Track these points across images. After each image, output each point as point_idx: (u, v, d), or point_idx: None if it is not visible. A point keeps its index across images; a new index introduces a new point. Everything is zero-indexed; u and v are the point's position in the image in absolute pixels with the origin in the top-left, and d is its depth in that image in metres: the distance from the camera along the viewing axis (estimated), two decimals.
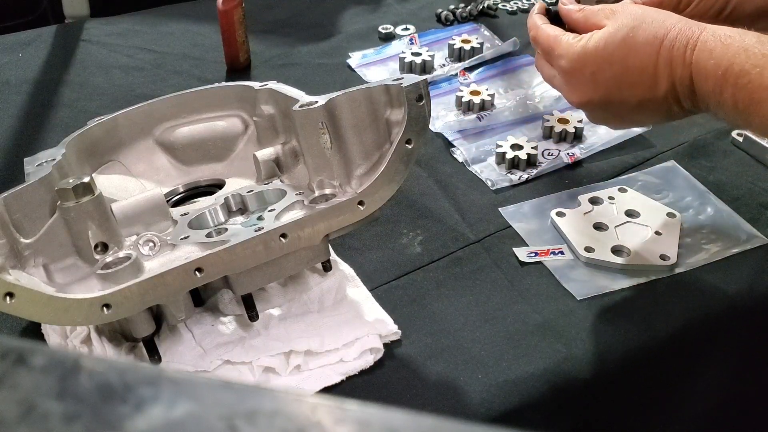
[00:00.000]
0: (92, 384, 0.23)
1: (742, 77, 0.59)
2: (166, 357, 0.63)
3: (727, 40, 0.61)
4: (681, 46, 0.63)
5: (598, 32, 0.67)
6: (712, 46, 0.61)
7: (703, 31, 0.63)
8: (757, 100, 0.59)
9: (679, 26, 0.64)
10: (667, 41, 0.63)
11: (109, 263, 0.61)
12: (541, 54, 0.74)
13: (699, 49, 0.62)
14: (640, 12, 0.66)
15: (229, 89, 0.79)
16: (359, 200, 0.62)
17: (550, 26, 0.72)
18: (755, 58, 0.59)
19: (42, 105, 1.01)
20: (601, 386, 0.69)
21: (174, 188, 0.77)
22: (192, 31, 1.17)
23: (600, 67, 0.66)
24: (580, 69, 0.67)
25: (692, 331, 0.72)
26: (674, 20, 0.65)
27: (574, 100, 0.70)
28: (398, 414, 0.23)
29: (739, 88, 0.59)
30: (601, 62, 0.66)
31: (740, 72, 0.59)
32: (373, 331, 0.67)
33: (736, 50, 0.60)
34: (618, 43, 0.65)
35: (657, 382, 0.73)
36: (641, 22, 0.65)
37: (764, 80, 0.58)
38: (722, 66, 0.60)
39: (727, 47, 0.60)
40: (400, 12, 1.22)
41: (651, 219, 0.80)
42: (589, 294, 0.73)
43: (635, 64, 0.64)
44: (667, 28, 0.64)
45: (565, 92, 0.71)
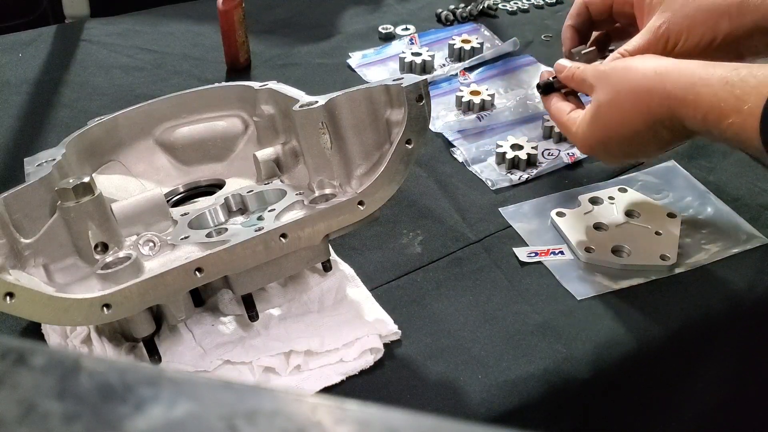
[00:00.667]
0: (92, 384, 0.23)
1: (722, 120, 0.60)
2: (166, 357, 0.63)
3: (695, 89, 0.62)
4: (658, 104, 0.64)
5: (587, 113, 0.71)
6: (683, 98, 0.63)
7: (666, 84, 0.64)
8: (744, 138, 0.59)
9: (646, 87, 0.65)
10: (643, 106, 0.66)
11: (109, 263, 0.61)
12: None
13: (674, 104, 0.63)
14: (611, 82, 0.69)
15: (229, 89, 0.79)
16: (359, 200, 0.62)
17: (556, 108, 0.76)
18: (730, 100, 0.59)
19: (42, 105, 1.01)
20: (601, 386, 0.69)
21: (174, 188, 0.77)
22: (192, 31, 1.17)
23: (606, 144, 0.71)
24: (594, 150, 0.73)
25: (692, 331, 0.72)
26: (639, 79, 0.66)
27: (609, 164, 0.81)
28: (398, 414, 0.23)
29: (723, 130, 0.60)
30: (603, 140, 0.70)
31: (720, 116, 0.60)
32: (373, 331, 0.67)
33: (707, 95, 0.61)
34: (605, 121, 0.69)
35: (657, 382, 0.73)
36: (614, 94, 0.68)
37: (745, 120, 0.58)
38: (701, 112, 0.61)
39: (698, 96, 0.61)
40: (400, 12, 1.22)
41: (651, 219, 0.80)
42: (589, 294, 0.73)
43: (628, 132, 0.68)
44: (637, 94, 0.66)
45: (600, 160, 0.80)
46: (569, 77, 0.75)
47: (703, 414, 0.78)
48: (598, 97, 0.69)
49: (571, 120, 0.73)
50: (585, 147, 0.73)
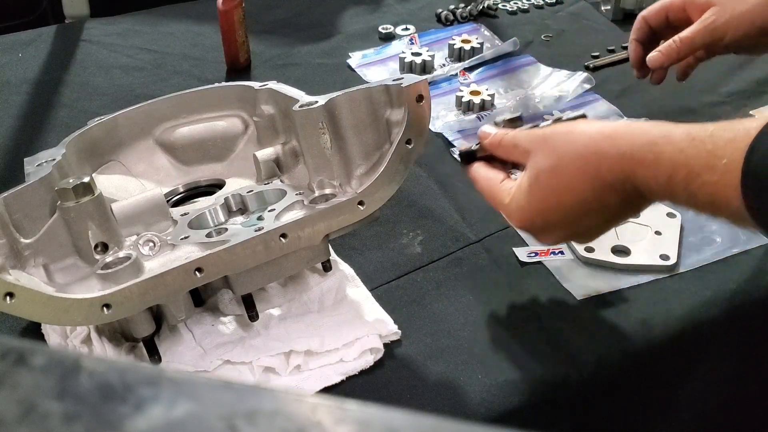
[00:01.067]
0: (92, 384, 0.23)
1: (692, 181, 0.53)
2: (166, 357, 0.63)
3: (654, 148, 0.55)
4: (608, 169, 0.58)
5: (523, 182, 0.63)
6: (641, 158, 0.56)
7: (620, 145, 0.58)
8: (719, 200, 0.52)
9: (594, 149, 0.59)
10: (591, 170, 0.59)
11: (109, 263, 0.61)
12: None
13: (630, 169, 0.57)
14: (552, 147, 0.62)
15: (229, 89, 0.79)
16: (359, 200, 0.62)
17: (484, 178, 0.68)
18: (699, 158, 0.53)
19: (42, 105, 1.01)
20: (601, 386, 0.69)
21: (174, 188, 0.77)
22: (192, 31, 1.17)
23: (545, 218, 0.63)
24: (530, 225, 0.65)
25: (692, 332, 0.72)
26: (586, 142, 0.60)
27: (548, 244, 0.70)
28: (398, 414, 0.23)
29: (692, 193, 0.54)
30: (543, 213, 0.63)
31: (688, 175, 0.53)
32: (373, 331, 0.67)
33: (671, 153, 0.54)
34: (545, 191, 0.62)
35: (657, 382, 0.73)
36: (556, 159, 0.61)
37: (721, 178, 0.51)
38: (663, 173, 0.55)
39: (658, 155, 0.55)
40: (400, 12, 1.22)
41: (651, 219, 0.80)
42: (588, 294, 0.73)
43: (573, 202, 0.61)
44: (584, 158, 0.59)
45: (536, 239, 0.68)
46: (495, 144, 0.67)
47: (703, 414, 0.78)
48: (537, 163, 0.62)
49: (504, 190, 0.65)
50: (521, 220, 0.64)
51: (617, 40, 1.14)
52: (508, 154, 0.66)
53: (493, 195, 0.66)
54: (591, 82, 1.03)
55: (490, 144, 0.68)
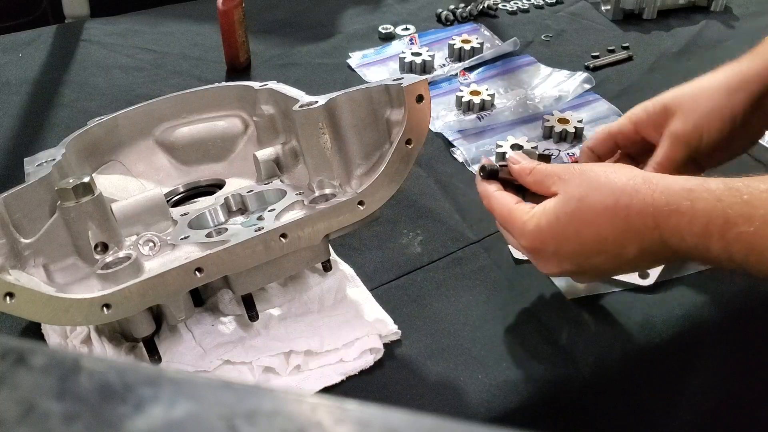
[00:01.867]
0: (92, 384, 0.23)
1: (729, 230, 0.53)
2: (166, 357, 0.63)
3: (691, 195, 0.55)
4: (638, 212, 0.57)
5: (549, 205, 0.62)
6: (676, 205, 0.55)
7: (656, 188, 0.57)
8: (756, 250, 0.52)
9: (629, 188, 0.58)
10: (621, 212, 0.58)
11: (109, 263, 0.61)
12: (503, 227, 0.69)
13: (663, 211, 0.56)
14: (587, 178, 0.61)
15: (229, 89, 0.79)
16: (359, 200, 0.62)
17: (500, 196, 0.67)
18: (736, 206, 0.53)
19: (42, 105, 1.01)
20: (601, 386, 0.69)
21: (174, 188, 0.77)
22: (192, 31, 1.17)
23: (559, 244, 0.62)
24: (540, 248, 0.63)
25: (691, 333, 0.72)
26: (622, 180, 0.59)
27: (546, 272, 0.66)
28: (398, 414, 0.23)
29: (728, 242, 0.53)
30: (558, 239, 0.62)
31: (725, 225, 0.53)
32: (373, 331, 0.67)
33: (707, 203, 0.54)
34: (570, 217, 0.61)
35: (656, 383, 0.73)
36: (588, 190, 0.60)
37: (758, 229, 0.51)
38: (699, 224, 0.54)
39: (694, 202, 0.54)
40: (400, 12, 1.22)
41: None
42: (585, 294, 0.73)
43: (592, 237, 0.60)
44: (616, 195, 0.59)
45: (537, 265, 0.66)
46: (525, 171, 0.66)
47: (703, 414, 0.78)
48: (568, 190, 0.61)
49: (521, 209, 0.64)
50: (534, 240, 0.63)
51: (617, 40, 1.14)
52: (536, 184, 0.65)
53: (509, 212, 0.65)
54: (591, 82, 1.03)
55: (521, 170, 0.67)
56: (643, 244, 0.58)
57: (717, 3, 1.19)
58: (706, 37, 1.14)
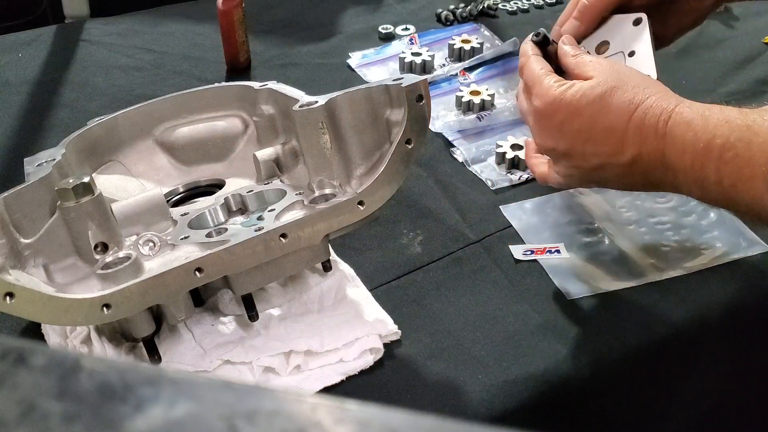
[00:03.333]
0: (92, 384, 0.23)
1: (726, 151, 0.55)
2: (166, 357, 0.63)
3: (706, 112, 0.58)
4: (654, 115, 0.60)
5: (579, 83, 0.65)
6: (689, 118, 0.58)
7: (679, 103, 0.60)
8: (746, 177, 0.54)
9: (657, 95, 0.61)
10: (641, 109, 0.61)
11: (109, 263, 0.61)
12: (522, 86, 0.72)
13: (675, 121, 0.59)
14: (626, 74, 0.64)
15: (229, 89, 0.79)
16: (359, 200, 0.62)
17: (538, 60, 0.70)
18: (740, 130, 0.55)
19: (42, 105, 1.01)
20: (601, 387, 0.69)
21: (174, 188, 0.77)
22: (192, 31, 1.17)
23: (569, 118, 0.64)
24: (551, 114, 0.66)
25: (691, 333, 0.72)
26: (654, 89, 0.62)
27: (539, 143, 0.69)
28: (398, 414, 0.23)
29: (724, 162, 0.55)
30: (572, 113, 0.64)
31: (724, 145, 0.55)
32: (373, 331, 0.67)
33: (717, 122, 0.56)
34: (593, 98, 0.63)
35: (656, 383, 0.73)
36: (623, 83, 0.63)
37: (753, 154, 0.53)
38: (702, 139, 0.56)
39: (707, 119, 0.57)
40: (400, 12, 1.22)
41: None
42: (585, 294, 0.73)
43: (604, 124, 0.63)
44: (644, 96, 0.62)
45: (533, 133, 0.69)
46: (569, 53, 0.69)
47: (703, 414, 0.78)
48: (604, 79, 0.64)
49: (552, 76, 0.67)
50: (550, 104, 0.65)
51: None
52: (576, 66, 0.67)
53: (541, 73, 0.67)
54: None
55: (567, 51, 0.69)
56: (642, 149, 0.61)
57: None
58: (706, 37, 1.14)
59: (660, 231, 0.80)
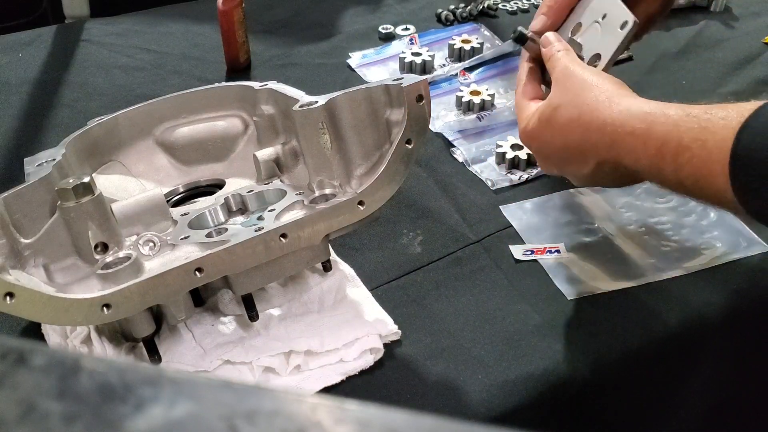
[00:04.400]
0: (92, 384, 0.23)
1: (680, 154, 0.54)
2: (166, 357, 0.63)
3: (648, 118, 0.57)
4: (598, 129, 0.60)
5: (540, 108, 0.68)
6: (632, 127, 0.58)
7: (617, 108, 0.60)
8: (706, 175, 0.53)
9: (592, 105, 0.62)
10: (581, 124, 0.62)
11: (109, 263, 0.61)
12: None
13: (618, 134, 0.58)
14: (567, 87, 0.65)
15: (229, 89, 0.79)
16: (359, 200, 0.62)
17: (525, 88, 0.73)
18: (692, 132, 0.54)
19: (42, 105, 1.01)
20: (601, 387, 0.69)
21: (174, 188, 0.77)
22: (192, 31, 1.17)
23: (540, 146, 0.69)
24: (530, 144, 0.71)
25: (691, 333, 0.72)
26: (590, 97, 0.62)
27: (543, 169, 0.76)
28: (398, 414, 0.23)
29: (680, 165, 0.55)
30: (539, 141, 0.69)
31: (677, 149, 0.54)
32: (373, 331, 0.67)
33: (664, 126, 0.56)
34: (545, 123, 0.67)
35: (656, 383, 0.73)
36: (562, 100, 0.65)
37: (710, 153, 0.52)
38: (652, 146, 0.56)
39: (650, 125, 0.56)
40: (400, 12, 1.22)
41: None
42: (585, 294, 0.73)
43: (560, 145, 0.66)
44: (580, 110, 0.62)
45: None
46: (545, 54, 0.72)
47: (703, 414, 0.78)
48: (552, 97, 0.67)
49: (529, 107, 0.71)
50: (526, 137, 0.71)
51: None
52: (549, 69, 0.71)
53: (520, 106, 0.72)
54: None
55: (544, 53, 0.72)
56: (600, 159, 0.62)
57: (717, 3, 1.19)
58: (706, 37, 1.14)
59: (660, 231, 0.80)
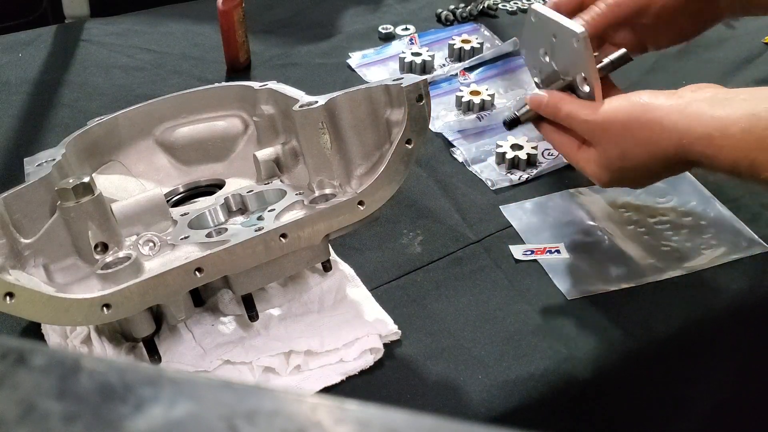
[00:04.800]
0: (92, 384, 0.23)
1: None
2: (166, 357, 0.63)
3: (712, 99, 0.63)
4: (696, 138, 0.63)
5: (600, 164, 0.68)
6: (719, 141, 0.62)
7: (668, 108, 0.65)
8: None
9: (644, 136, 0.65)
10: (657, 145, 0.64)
11: (109, 263, 0.61)
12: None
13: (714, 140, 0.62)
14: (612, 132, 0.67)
15: (229, 89, 0.79)
16: (359, 200, 0.62)
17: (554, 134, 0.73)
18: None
19: (42, 105, 1.01)
20: (601, 387, 0.69)
21: (174, 188, 0.77)
22: (192, 31, 1.17)
23: (621, 184, 0.70)
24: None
25: (691, 333, 0.72)
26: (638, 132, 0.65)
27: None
28: (398, 414, 0.23)
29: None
30: (619, 183, 0.70)
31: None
32: (373, 331, 0.67)
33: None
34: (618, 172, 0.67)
35: (656, 383, 0.73)
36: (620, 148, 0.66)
37: None
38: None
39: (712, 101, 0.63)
40: (400, 12, 1.22)
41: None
42: (586, 294, 0.73)
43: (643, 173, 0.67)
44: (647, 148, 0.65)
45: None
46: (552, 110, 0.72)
47: (701, 415, 0.78)
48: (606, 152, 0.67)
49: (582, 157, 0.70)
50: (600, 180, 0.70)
51: None
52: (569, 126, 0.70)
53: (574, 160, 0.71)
54: None
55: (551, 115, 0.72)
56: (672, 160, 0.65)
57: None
58: (706, 37, 1.14)
59: (660, 231, 0.80)
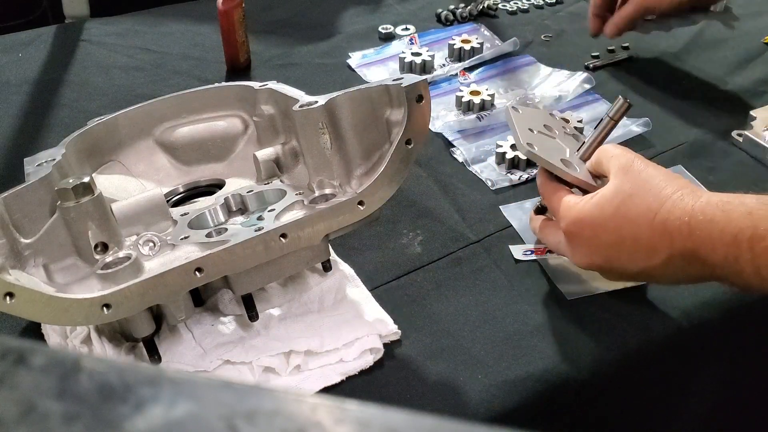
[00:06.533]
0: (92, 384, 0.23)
1: (757, 243, 0.55)
2: (166, 357, 0.63)
3: (726, 207, 0.58)
4: (676, 218, 0.60)
5: (597, 195, 0.66)
6: (711, 215, 0.59)
7: (698, 199, 0.60)
8: None
9: (675, 196, 0.61)
10: (661, 214, 0.61)
11: (109, 263, 0.61)
12: (545, 222, 0.74)
13: (697, 220, 0.59)
14: (642, 178, 0.64)
15: (229, 89, 0.79)
16: (359, 200, 0.62)
17: (558, 186, 0.72)
18: (766, 220, 0.55)
19: (42, 105, 1.01)
20: (600, 387, 0.69)
21: (174, 188, 0.77)
22: (192, 31, 1.17)
23: (596, 233, 0.65)
24: (578, 232, 0.67)
25: (690, 333, 0.72)
26: (672, 189, 0.62)
27: (576, 262, 0.69)
28: (398, 414, 0.23)
29: (757, 254, 0.56)
30: (596, 228, 0.65)
31: (753, 237, 0.56)
32: (373, 331, 0.67)
33: (739, 215, 0.57)
34: (613, 211, 0.64)
35: (655, 383, 0.73)
36: (638, 190, 0.63)
37: None
38: (729, 233, 0.57)
39: (729, 214, 0.58)
40: (400, 12, 1.22)
41: None
42: (585, 294, 0.73)
43: (629, 235, 0.63)
44: (662, 200, 0.62)
45: (569, 254, 0.69)
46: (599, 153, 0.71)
47: (700, 415, 0.78)
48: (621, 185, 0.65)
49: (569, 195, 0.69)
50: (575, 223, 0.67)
51: (617, 41, 1.14)
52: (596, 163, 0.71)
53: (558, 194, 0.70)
54: (591, 82, 1.03)
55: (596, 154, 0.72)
56: (673, 251, 0.61)
57: (717, 3, 1.19)
58: (706, 37, 1.14)
59: None
